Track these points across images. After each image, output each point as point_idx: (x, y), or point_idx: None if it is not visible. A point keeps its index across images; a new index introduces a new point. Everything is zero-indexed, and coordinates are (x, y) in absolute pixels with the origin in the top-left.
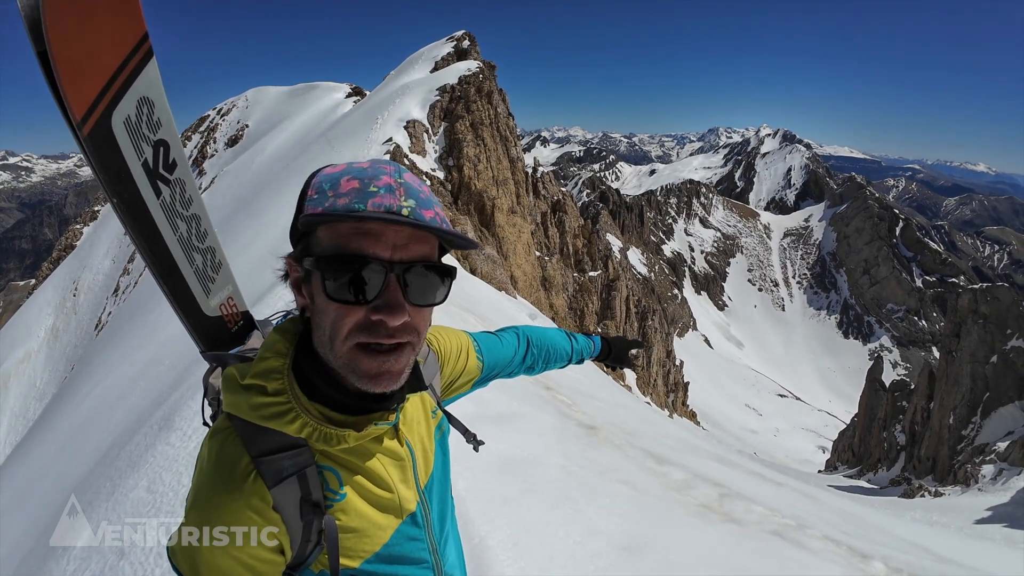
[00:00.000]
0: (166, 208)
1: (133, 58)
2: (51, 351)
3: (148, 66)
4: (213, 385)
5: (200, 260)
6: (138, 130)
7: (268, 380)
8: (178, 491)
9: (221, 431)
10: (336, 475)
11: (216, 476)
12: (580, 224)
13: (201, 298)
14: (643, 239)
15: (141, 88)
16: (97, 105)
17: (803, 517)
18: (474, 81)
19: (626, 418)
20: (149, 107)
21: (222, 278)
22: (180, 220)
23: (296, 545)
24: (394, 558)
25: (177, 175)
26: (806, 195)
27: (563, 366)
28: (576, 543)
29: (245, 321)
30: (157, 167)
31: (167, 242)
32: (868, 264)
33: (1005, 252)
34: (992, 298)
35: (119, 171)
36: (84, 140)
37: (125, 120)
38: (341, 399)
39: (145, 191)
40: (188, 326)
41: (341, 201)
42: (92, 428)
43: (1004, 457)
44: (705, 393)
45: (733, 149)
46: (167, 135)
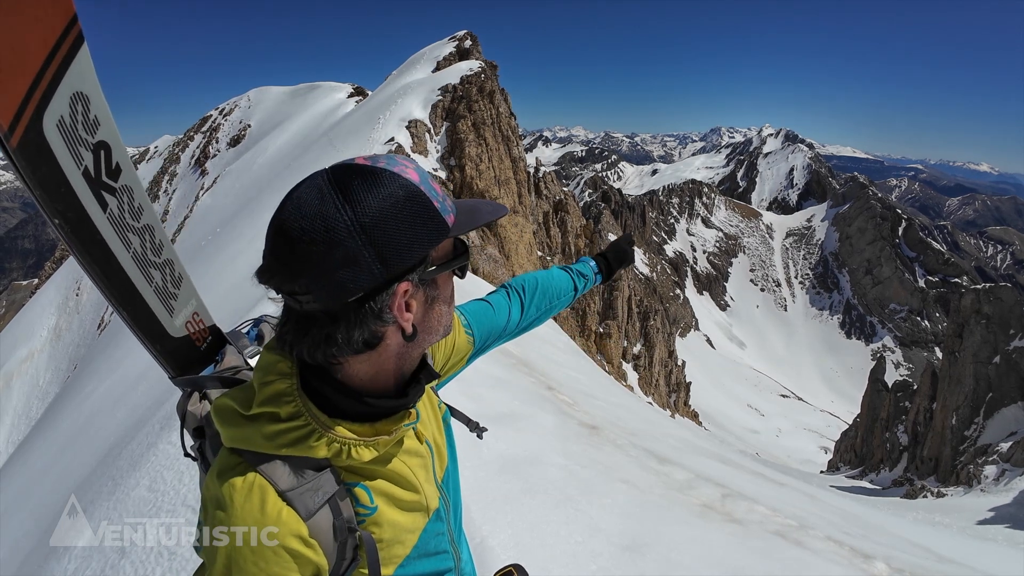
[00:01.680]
0: (115, 222)
1: (62, 46)
2: (54, 350)
3: (79, 54)
4: (192, 413)
5: (159, 277)
6: (74, 133)
7: (279, 405)
8: (179, 490)
9: (232, 469)
10: (365, 490)
11: (245, 517)
12: (582, 224)
13: (165, 319)
14: (645, 239)
15: (74, 82)
16: (25, 108)
17: (805, 517)
18: (476, 81)
19: (628, 418)
20: (84, 104)
21: (184, 293)
22: (132, 234)
23: (332, 566)
24: (422, 555)
25: (123, 181)
26: (808, 195)
27: (572, 299)
28: (578, 542)
29: (214, 337)
30: (100, 175)
31: (121, 262)
32: (871, 264)
33: (1008, 252)
34: (995, 298)
35: (58, 184)
36: (14, 152)
37: (59, 123)
38: (364, 409)
39: (90, 205)
40: (155, 353)
41: (449, 204)
42: (94, 427)
43: (1007, 458)
44: (707, 393)
45: (735, 149)
46: (107, 135)
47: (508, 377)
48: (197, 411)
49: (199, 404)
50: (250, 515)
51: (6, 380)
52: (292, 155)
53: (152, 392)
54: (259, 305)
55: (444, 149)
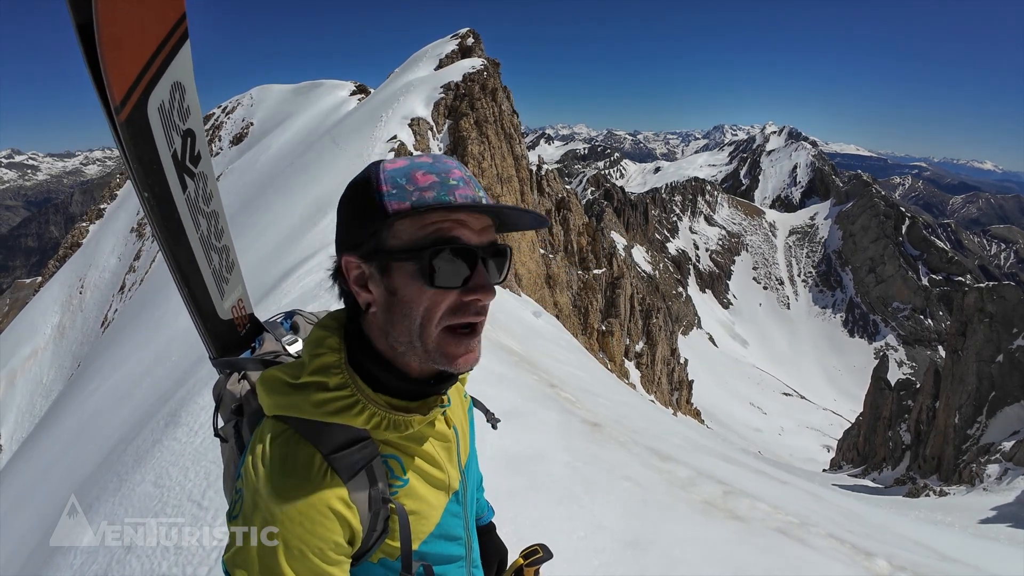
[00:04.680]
0: (191, 204)
1: (171, 38)
2: (57, 348)
3: (183, 49)
4: (231, 392)
5: (217, 260)
6: (170, 118)
7: (328, 376)
8: (184, 485)
9: (279, 435)
10: (399, 461)
11: (290, 477)
12: (584, 222)
13: (216, 300)
14: (648, 237)
15: (175, 72)
16: (136, 87)
17: (807, 515)
18: (478, 79)
19: (630, 416)
20: (181, 93)
21: (234, 279)
22: (201, 217)
23: (365, 535)
24: (442, 535)
25: (200, 168)
26: (812, 193)
27: None
28: (580, 538)
29: (252, 324)
30: (184, 159)
31: (190, 240)
32: (874, 262)
33: (1012, 251)
34: (998, 297)
35: (151, 162)
36: (120, 126)
37: (159, 106)
38: (404, 387)
39: (173, 185)
40: (203, 331)
41: (427, 194)
42: (98, 424)
43: (1009, 457)
44: (709, 391)
45: (738, 147)
46: (194, 124)
47: (511, 375)
48: (236, 390)
49: (238, 384)
50: (297, 476)
51: (10, 378)
52: (294, 153)
53: (156, 389)
54: (263, 302)
55: (446, 147)
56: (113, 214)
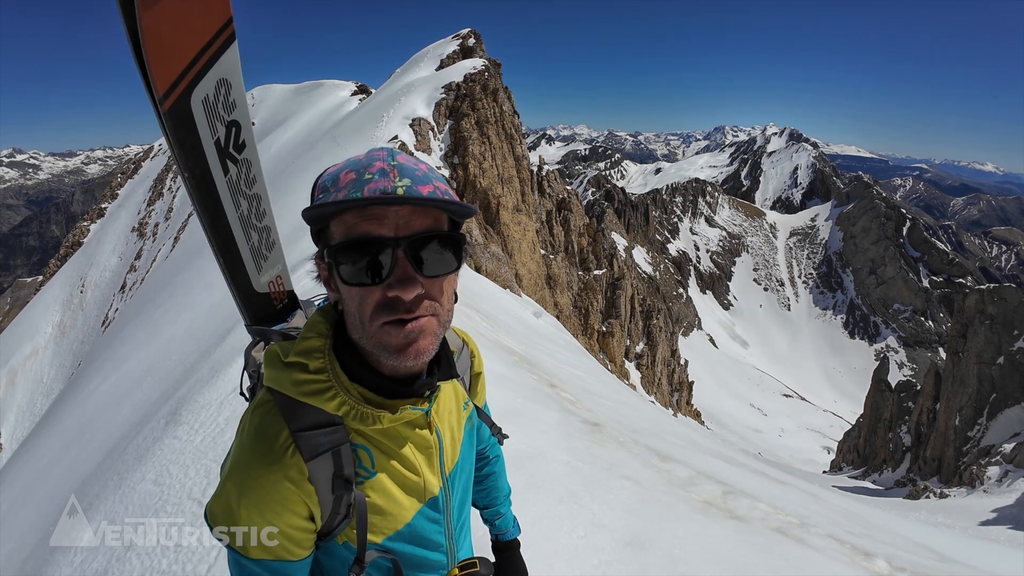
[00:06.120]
0: (231, 186)
1: (217, 40)
2: (58, 347)
3: (229, 50)
4: (255, 358)
5: (256, 238)
6: (214, 110)
7: (310, 358)
8: (184, 483)
9: (263, 404)
10: (369, 454)
11: (256, 447)
12: (585, 222)
13: (253, 274)
14: (648, 238)
15: (222, 70)
16: (179, 84)
17: (807, 515)
18: (479, 79)
19: (630, 416)
20: (227, 89)
21: (274, 257)
22: (243, 198)
23: (326, 516)
24: (414, 538)
25: (245, 155)
26: (812, 194)
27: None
28: (580, 537)
29: (290, 300)
30: (228, 146)
31: (228, 218)
32: (875, 264)
33: (1013, 252)
34: (999, 299)
35: (193, 147)
36: (163, 115)
37: (204, 99)
38: (378, 382)
39: (214, 168)
40: (238, 299)
41: (341, 194)
42: (99, 423)
43: (1010, 459)
44: (710, 392)
45: (739, 148)
46: (240, 116)
47: (511, 374)
48: (259, 357)
49: (262, 352)
50: (264, 447)
51: (11, 377)
52: (296, 153)
53: (157, 388)
54: None
55: (447, 147)
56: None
